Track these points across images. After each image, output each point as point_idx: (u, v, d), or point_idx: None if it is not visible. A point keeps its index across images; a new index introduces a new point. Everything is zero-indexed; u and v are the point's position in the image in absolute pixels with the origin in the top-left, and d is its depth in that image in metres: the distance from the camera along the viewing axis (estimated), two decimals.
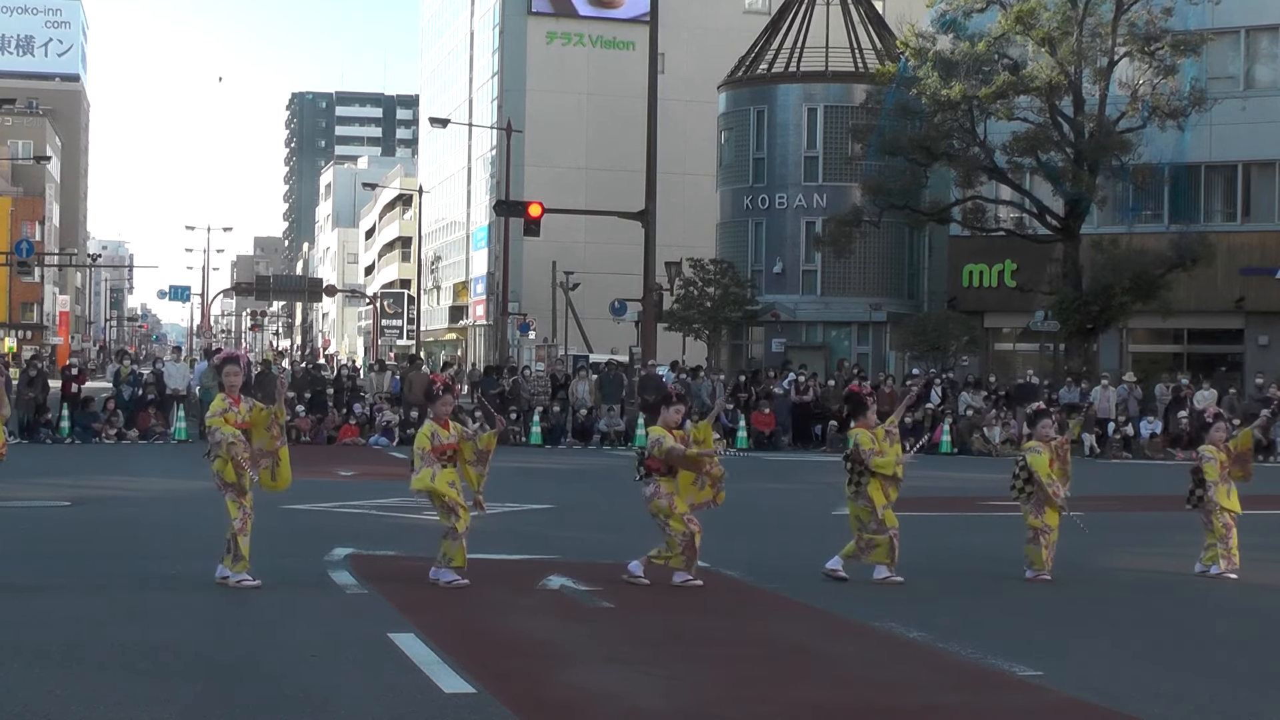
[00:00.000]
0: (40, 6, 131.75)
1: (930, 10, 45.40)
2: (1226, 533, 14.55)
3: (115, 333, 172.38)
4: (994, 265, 49.54)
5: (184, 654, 9.98)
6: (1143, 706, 8.98)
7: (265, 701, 8.64)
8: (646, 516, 13.26)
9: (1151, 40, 41.37)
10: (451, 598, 12.54)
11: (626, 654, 10.45)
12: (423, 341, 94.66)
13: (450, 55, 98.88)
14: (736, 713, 8.71)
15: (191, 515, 18.29)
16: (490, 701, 8.67)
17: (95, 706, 8.37)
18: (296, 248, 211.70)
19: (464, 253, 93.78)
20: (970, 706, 9.13)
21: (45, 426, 34.13)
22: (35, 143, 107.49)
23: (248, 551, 12.68)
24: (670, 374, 38.49)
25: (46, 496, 20.79)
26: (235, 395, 12.92)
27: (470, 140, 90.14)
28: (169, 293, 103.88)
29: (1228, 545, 14.53)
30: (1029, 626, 12.00)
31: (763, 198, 52.40)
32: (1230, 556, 14.51)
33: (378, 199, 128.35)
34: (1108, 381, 37.81)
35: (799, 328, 52.21)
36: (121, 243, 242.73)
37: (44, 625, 10.87)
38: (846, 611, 12.33)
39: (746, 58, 54.88)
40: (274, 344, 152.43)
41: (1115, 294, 40.87)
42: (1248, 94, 46.51)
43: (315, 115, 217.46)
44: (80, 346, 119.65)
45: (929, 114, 42.81)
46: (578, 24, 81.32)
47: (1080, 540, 14.90)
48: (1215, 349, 47.69)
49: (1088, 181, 41.92)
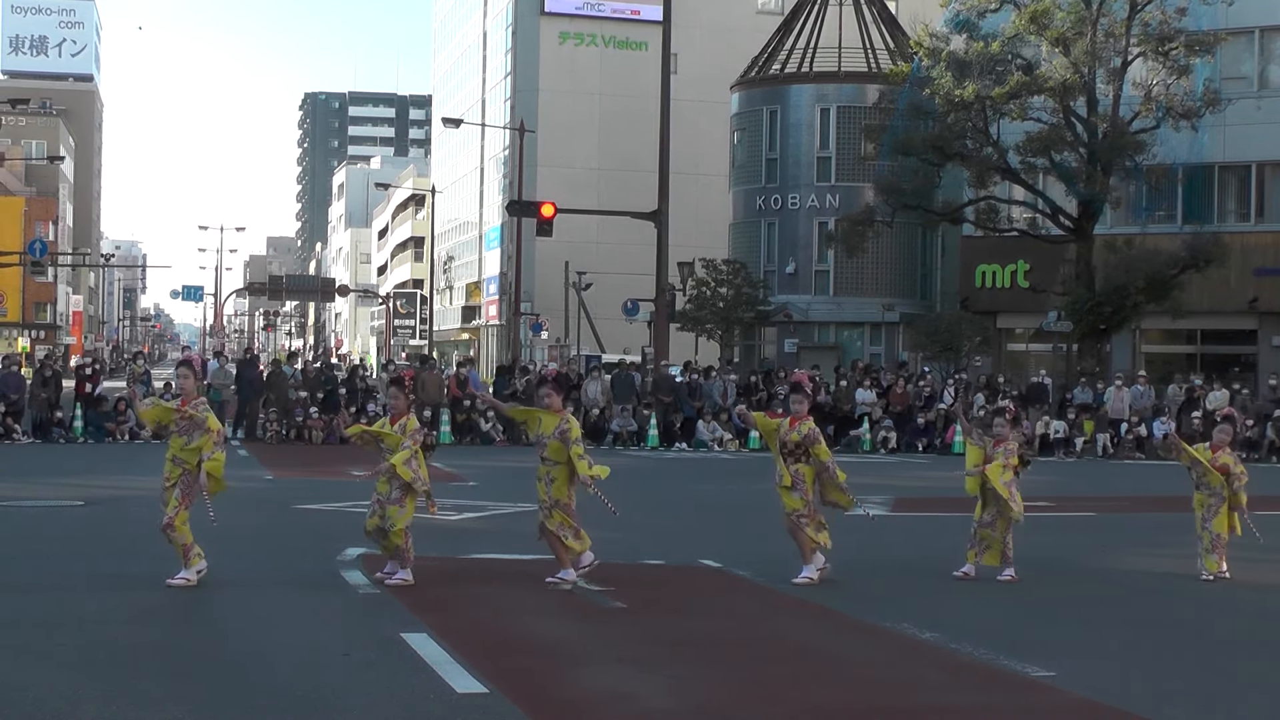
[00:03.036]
0: (54, 7, 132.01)
1: (944, 10, 45.33)
2: (1206, 535, 14.56)
3: (128, 333, 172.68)
4: (1007, 266, 49.46)
5: (196, 653, 10.00)
6: (1155, 707, 8.97)
7: (277, 701, 8.65)
8: (654, 517, 13.24)
9: (1165, 40, 41.27)
10: (464, 598, 12.55)
11: (638, 654, 10.44)
12: (435, 341, 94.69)
13: (463, 55, 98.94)
14: (748, 713, 8.71)
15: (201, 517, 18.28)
16: (502, 701, 8.67)
17: (107, 706, 8.38)
18: (309, 248, 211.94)
19: (477, 253, 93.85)
20: (983, 707, 9.12)
21: (58, 426, 34.17)
22: (49, 143, 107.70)
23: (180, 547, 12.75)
24: (682, 374, 38.50)
25: (59, 496, 20.82)
26: (185, 399, 12.97)
27: (483, 140, 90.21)
28: (182, 293, 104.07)
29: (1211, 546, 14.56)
30: (1041, 627, 11.98)
31: (775, 198, 52.38)
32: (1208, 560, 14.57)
33: (390, 199, 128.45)
34: (1121, 382, 37.74)
35: (811, 328, 52.17)
36: (135, 243, 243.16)
37: (57, 625, 10.89)
38: (858, 612, 12.33)
39: (759, 58, 54.87)
40: (286, 344, 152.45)
41: (1128, 294, 40.78)
42: (1261, 94, 46.37)
43: (328, 115, 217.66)
44: (93, 346, 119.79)
45: (942, 114, 42.73)
46: (590, 24, 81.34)
47: (1093, 540, 14.88)
48: (1228, 349, 47.57)
49: (1101, 182, 41.84)
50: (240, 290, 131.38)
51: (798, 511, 13.52)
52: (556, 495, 13.07)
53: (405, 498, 12.98)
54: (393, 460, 12.90)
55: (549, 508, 13.06)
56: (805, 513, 13.51)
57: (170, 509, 12.64)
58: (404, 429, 13.12)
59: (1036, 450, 36.28)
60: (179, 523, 12.63)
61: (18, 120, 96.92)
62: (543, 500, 13.14)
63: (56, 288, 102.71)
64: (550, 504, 13.06)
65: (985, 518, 14.09)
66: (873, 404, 37.26)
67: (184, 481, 12.74)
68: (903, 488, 24.13)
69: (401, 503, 12.97)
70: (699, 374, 38.11)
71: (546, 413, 13.34)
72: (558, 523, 13.04)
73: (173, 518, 12.59)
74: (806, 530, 13.48)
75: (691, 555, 14.12)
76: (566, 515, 13.06)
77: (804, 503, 13.52)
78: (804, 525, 13.48)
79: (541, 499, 13.14)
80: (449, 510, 19.47)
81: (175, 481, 12.76)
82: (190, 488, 12.75)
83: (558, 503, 13.06)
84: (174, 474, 12.79)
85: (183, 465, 12.78)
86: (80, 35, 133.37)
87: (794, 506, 13.54)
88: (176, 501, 12.67)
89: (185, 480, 12.74)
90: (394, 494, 12.98)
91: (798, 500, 13.52)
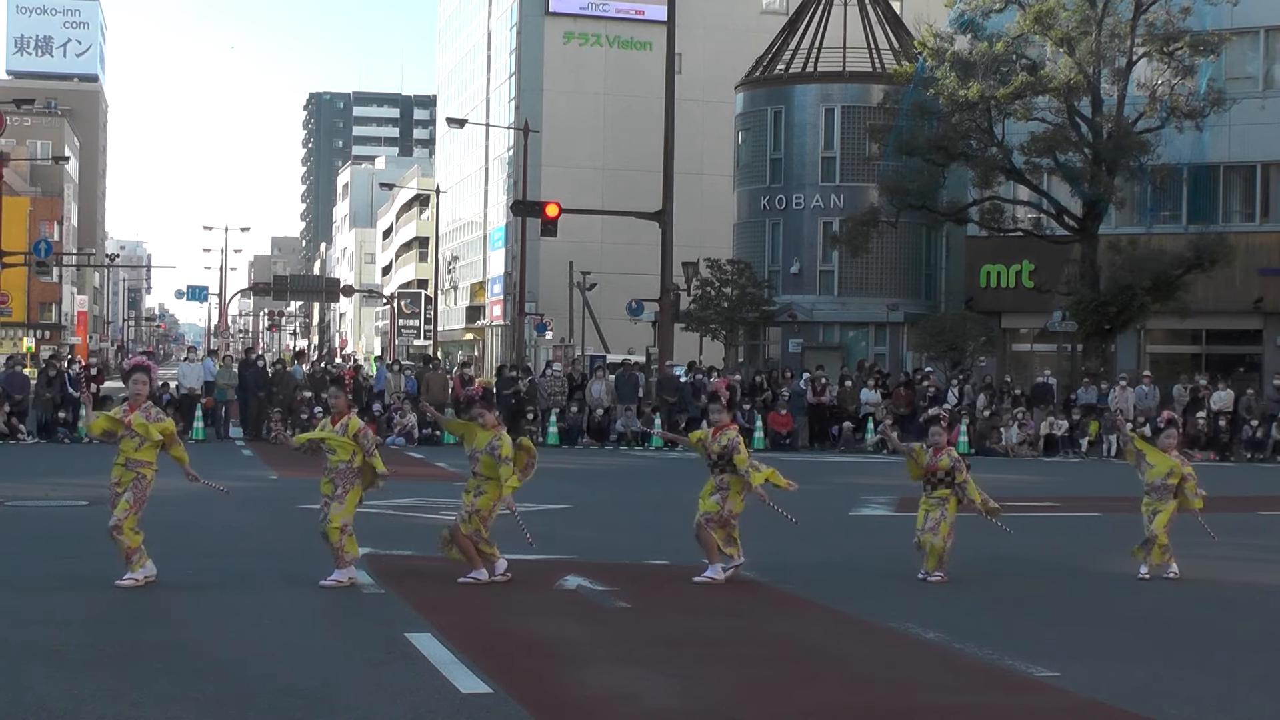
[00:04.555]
0: (59, 7, 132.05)
1: (949, 10, 45.31)
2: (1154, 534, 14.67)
3: (133, 333, 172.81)
4: (1011, 266, 49.42)
5: (200, 653, 10.01)
6: (1158, 707, 8.98)
7: (281, 700, 8.65)
8: (660, 517, 13.26)
9: (1170, 40, 41.23)
10: (469, 598, 12.57)
11: (643, 654, 10.45)
12: (440, 342, 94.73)
13: (467, 56, 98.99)
14: (753, 713, 8.71)
15: (207, 516, 18.32)
16: (507, 702, 8.68)
17: (112, 705, 8.40)
18: (314, 248, 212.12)
19: (481, 253, 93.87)
20: (988, 707, 9.13)
21: (63, 426, 34.20)
22: (54, 143, 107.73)
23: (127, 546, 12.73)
24: (687, 374, 38.50)
25: (64, 496, 20.86)
26: (134, 403, 12.91)
27: (487, 140, 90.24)
28: (186, 293, 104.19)
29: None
30: (1045, 627, 11.99)
31: (780, 198, 52.34)
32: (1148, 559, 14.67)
33: (395, 199, 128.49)
34: (1126, 382, 37.72)
35: (816, 328, 52.13)
36: (139, 243, 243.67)
37: (61, 624, 10.91)
38: (863, 612, 12.34)
39: (764, 58, 54.84)
40: (291, 344, 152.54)
41: (1133, 295, 40.74)
42: (1266, 94, 46.33)
43: (333, 115, 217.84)
44: (98, 346, 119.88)
45: (947, 114, 42.71)
46: (595, 24, 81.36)
47: (1095, 541, 14.88)
48: (1233, 350, 47.52)
49: (1106, 182, 41.80)
50: (245, 290, 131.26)
51: (709, 515, 13.77)
52: (480, 505, 13.33)
53: (347, 495, 13.08)
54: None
55: (469, 514, 13.30)
56: (716, 518, 13.74)
57: (120, 511, 12.61)
58: (345, 429, 13.21)
59: (1041, 450, 36.34)
60: (127, 527, 12.62)
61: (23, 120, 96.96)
62: (465, 506, 13.38)
63: (61, 288, 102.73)
64: (472, 511, 13.31)
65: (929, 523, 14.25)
66: (877, 404, 37.28)
67: (135, 486, 12.73)
68: (906, 488, 24.10)
69: (342, 500, 13.07)
70: (703, 374, 38.12)
71: (481, 429, 13.50)
72: (473, 529, 13.29)
73: (121, 520, 12.58)
74: (714, 534, 13.72)
75: (695, 555, 14.12)
76: (482, 525, 13.32)
77: (719, 508, 13.75)
78: (712, 529, 13.73)
79: (466, 505, 13.38)
80: (452, 510, 19.50)
81: (127, 486, 12.73)
82: (142, 493, 12.75)
83: (478, 511, 13.30)
84: (125, 479, 12.76)
85: (135, 469, 12.75)
86: (85, 35, 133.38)
87: (707, 509, 13.79)
88: (128, 505, 12.64)
89: (137, 485, 12.73)
90: (338, 492, 13.06)
91: (714, 505, 13.76)
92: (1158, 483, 14.68)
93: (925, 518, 14.30)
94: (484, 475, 13.37)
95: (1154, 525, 14.53)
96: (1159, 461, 14.71)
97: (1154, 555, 14.54)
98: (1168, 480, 14.65)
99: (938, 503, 14.31)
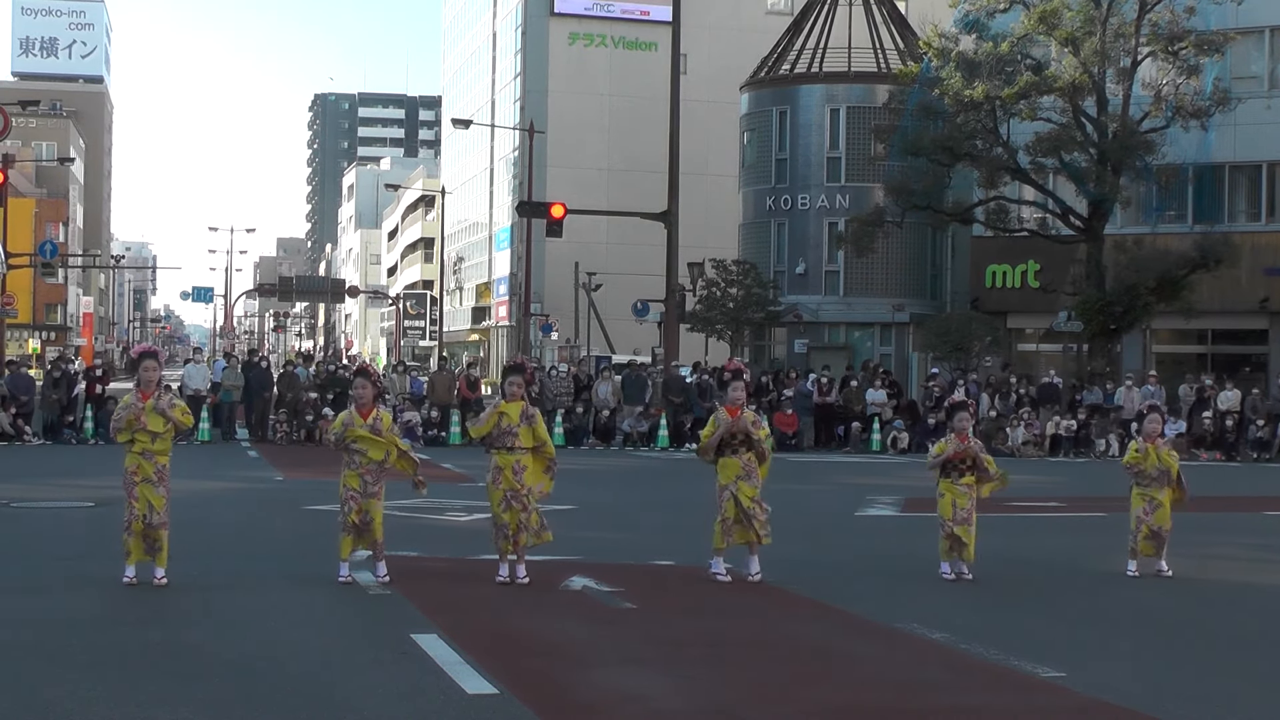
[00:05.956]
0: (64, 9, 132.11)
1: (954, 10, 45.30)
2: (1135, 528, 14.65)
3: (139, 334, 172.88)
4: (1017, 266, 49.42)
5: (206, 654, 10.02)
6: (1165, 708, 8.97)
7: (287, 701, 8.66)
8: (666, 517, 13.24)
9: (1175, 40, 41.21)
10: (474, 599, 12.56)
11: (649, 655, 10.45)
12: (445, 342, 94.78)
13: (472, 56, 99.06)
14: (758, 713, 8.72)
15: (213, 516, 18.33)
16: (513, 702, 8.68)
17: (118, 706, 8.41)
18: (319, 249, 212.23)
19: (486, 254, 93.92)
20: (993, 708, 9.12)
21: (69, 427, 34.23)
22: (59, 144, 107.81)
23: (131, 548, 12.73)
24: (692, 375, 38.48)
25: (70, 497, 20.87)
26: (146, 391, 12.75)
27: (493, 141, 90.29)
28: (192, 294, 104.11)
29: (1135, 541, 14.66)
30: (1050, 627, 11.98)
31: (785, 198, 52.34)
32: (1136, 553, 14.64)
33: (400, 200, 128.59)
34: (1132, 382, 37.70)
35: (821, 328, 52.12)
36: (145, 244, 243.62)
37: (68, 625, 10.92)
38: (869, 612, 12.34)
39: (769, 58, 54.83)
40: (296, 345, 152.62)
41: (1139, 294, 40.73)
42: (1271, 94, 46.31)
43: (338, 116, 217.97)
44: (104, 348, 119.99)
45: (952, 114, 42.70)
46: (600, 25, 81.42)
47: (1101, 542, 14.87)
48: (1239, 349, 47.51)
49: (1111, 182, 41.79)
50: (250, 291, 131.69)
51: (755, 497, 13.75)
52: (530, 485, 13.16)
53: (381, 491, 13.06)
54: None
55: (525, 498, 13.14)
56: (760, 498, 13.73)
57: (162, 509, 12.59)
58: (379, 425, 13.03)
59: (1047, 450, 36.34)
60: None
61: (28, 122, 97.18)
62: (522, 492, 13.13)
63: (67, 289, 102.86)
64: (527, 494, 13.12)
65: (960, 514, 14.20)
66: (883, 404, 37.27)
67: (163, 480, 12.68)
68: (913, 488, 24.11)
69: (379, 496, 13.06)
70: (709, 375, 38.10)
71: (507, 401, 13.34)
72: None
73: (167, 518, 12.59)
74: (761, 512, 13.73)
75: (701, 556, 14.12)
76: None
77: (757, 489, 13.75)
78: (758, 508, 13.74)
79: (522, 491, 13.14)
80: (458, 511, 19.52)
81: (146, 476, 12.62)
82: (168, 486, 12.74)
83: (530, 492, 13.14)
84: (145, 468, 12.64)
85: (154, 460, 12.66)
86: (90, 37, 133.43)
87: (750, 492, 13.74)
88: (163, 498, 12.62)
89: (162, 477, 12.69)
90: (372, 488, 12.99)
91: (753, 488, 13.74)
92: (1154, 472, 14.65)
93: (954, 509, 14.20)
94: (523, 448, 13.15)
95: (1155, 519, 14.50)
96: (1153, 455, 14.68)
97: (1142, 547, 14.51)
98: (1162, 467, 14.65)
99: (965, 490, 14.24)
